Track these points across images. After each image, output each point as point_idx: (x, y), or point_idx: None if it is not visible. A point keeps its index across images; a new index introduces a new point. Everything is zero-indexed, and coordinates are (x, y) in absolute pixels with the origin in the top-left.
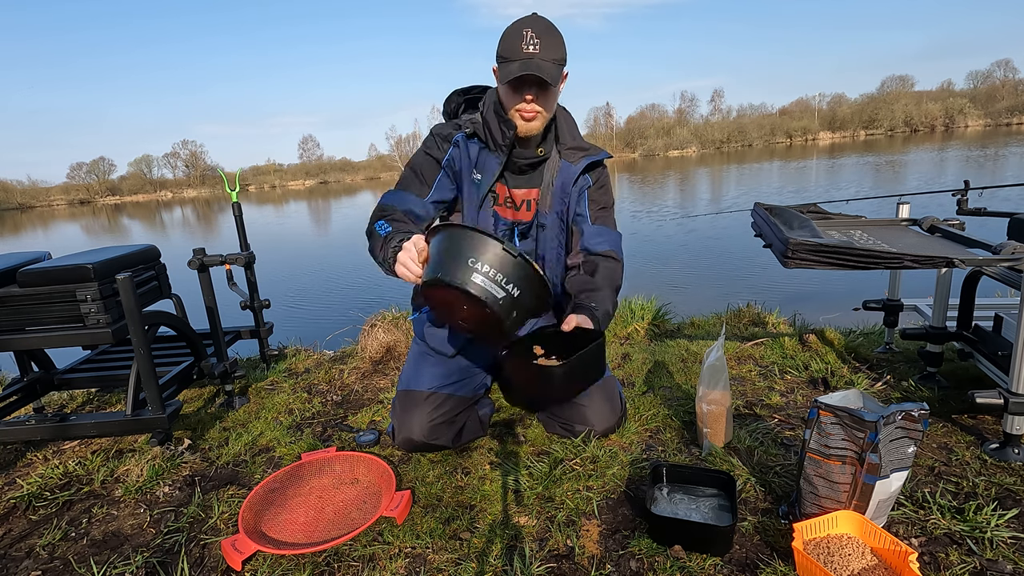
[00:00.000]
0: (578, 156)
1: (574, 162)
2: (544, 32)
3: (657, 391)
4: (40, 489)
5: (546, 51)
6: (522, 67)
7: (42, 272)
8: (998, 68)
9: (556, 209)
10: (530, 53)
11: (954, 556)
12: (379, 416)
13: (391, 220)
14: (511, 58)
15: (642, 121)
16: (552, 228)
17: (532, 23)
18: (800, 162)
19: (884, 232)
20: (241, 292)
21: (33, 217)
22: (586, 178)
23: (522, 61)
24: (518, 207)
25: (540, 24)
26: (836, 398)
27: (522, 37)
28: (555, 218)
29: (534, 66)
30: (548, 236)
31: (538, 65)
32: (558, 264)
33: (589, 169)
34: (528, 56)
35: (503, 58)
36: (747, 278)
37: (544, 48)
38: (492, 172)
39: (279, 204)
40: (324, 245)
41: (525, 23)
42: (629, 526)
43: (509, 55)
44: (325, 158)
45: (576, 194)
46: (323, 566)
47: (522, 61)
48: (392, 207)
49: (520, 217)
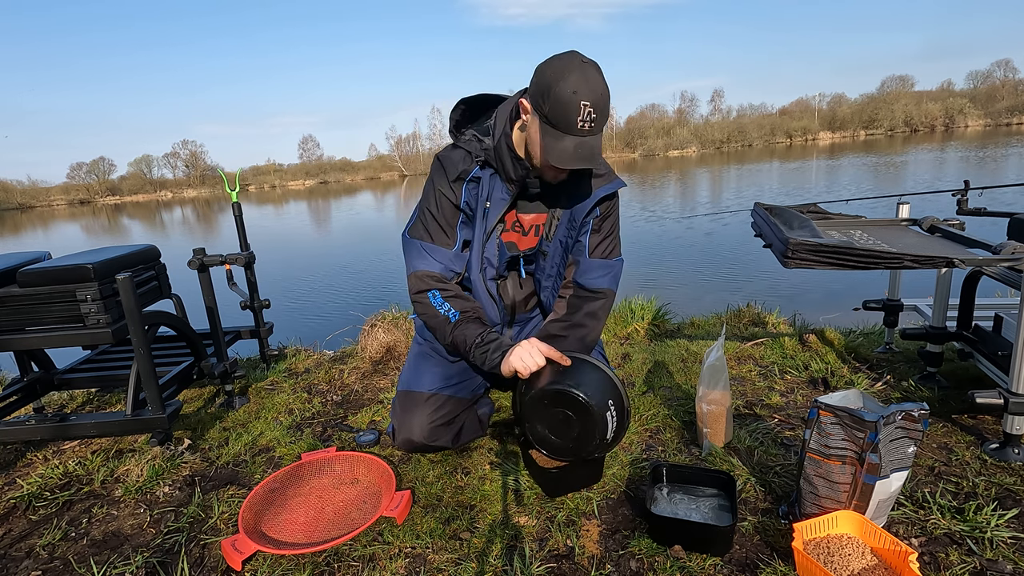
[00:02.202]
0: (593, 185)
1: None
2: (599, 101)
3: (657, 391)
4: (40, 489)
5: (599, 123)
6: (578, 155)
7: (42, 272)
8: (998, 68)
9: (560, 238)
10: (585, 131)
11: (954, 556)
12: (379, 416)
13: (449, 297)
14: (563, 131)
15: (642, 121)
16: (552, 257)
17: (589, 92)
18: (800, 162)
19: (884, 232)
20: (241, 292)
21: (33, 217)
22: (596, 212)
23: (577, 143)
24: (526, 232)
25: (596, 91)
26: (836, 398)
27: (578, 111)
28: (557, 246)
29: (588, 152)
30: (547, 264)
31: (592, 150)
32: (553, 291)
33: (604, 200)
34: (583, 135)
35: (552, 125)
36: (747, 278)
37: (598, 122)
38: (502, 203)
39: (279, 204)
40: (324, 245)
41: (581, 93)
42: (629, 526)
43: (560, 126)
44: (325, 158)
45: (581, 223)
46: (323, 566)
47: (577, 143)
48: (431, 271)
49: (526, 244)
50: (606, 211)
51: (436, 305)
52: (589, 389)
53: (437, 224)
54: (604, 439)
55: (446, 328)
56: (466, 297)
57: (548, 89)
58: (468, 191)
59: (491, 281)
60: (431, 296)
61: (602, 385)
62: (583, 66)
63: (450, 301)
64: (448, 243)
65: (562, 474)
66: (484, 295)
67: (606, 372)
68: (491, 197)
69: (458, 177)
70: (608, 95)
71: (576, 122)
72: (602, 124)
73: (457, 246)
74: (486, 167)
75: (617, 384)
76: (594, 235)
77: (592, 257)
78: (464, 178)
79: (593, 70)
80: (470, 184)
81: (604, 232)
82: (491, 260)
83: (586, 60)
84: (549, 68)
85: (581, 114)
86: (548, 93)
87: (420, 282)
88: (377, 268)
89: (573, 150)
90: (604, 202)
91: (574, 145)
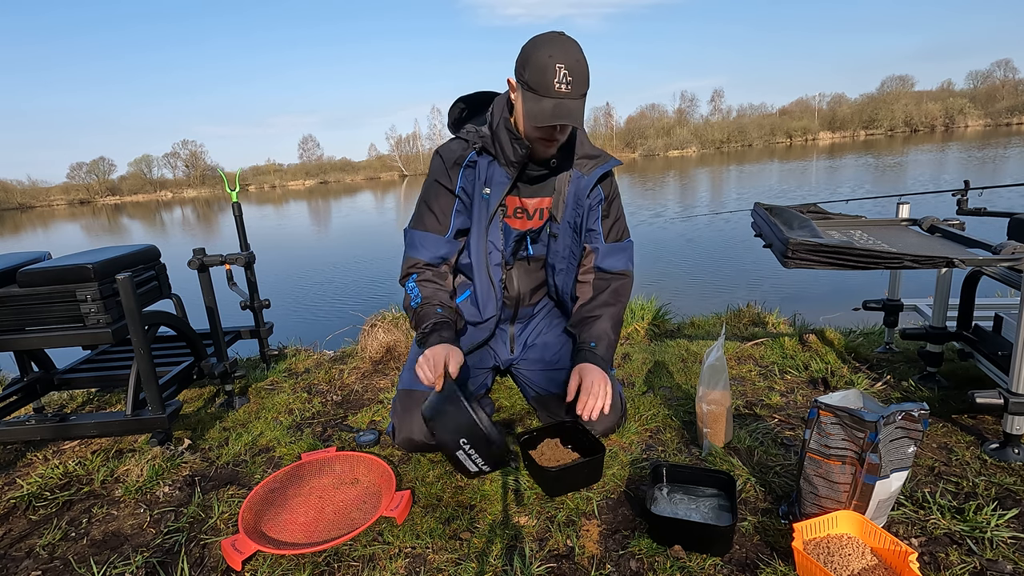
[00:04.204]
0: (590, 166)
1: (586, 172)
2: (575, 67)
3: (657, 391)
4: (40, 489)
5: (577, 87)
6: (555, 113)
7: (42, 272)
8: (998, 68)
9: (568, 219)
10: (563, 93)
11: (954, 556)
12: (379, 416)
13: (421, 282)
14: (541, 94)
15: (642, 121)
16: (564, 238)
17: (564, 56)
18: (800, 162)
19: (884, 232)
20: (241, 292)
21: (33, 217)
22: (598, 191)
23: (555, 103)
24: (531, 216)
25: (571, 56)
26: (836, 398)
27: (554, 73)
28: (567, 228)
29: (566, 111)
30: (560, 247)
31: (570, 110)
32: (568, 274)
33: (604, 177)
34: (560, 96)
35: (531, 90)
36: (747, 278)
37: (575, 85)
38: (503, 186)
39: (279, 204)
40: (324, 245)
41: (556, 56)
42: (629, 526)
43: (539, 90)
44: (325, 158)
45: (588, 208)
46: (323, 566)
47: (555, 103)
48: (417, 259)
49: (531, 225)
50: (609, 193)
51: (408, 289)
52: (440, 429)
53: (431, 212)
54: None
55: (410, 312)
56: (439, 284)
57: (528, 58)
58: (464, 177)
59: (496, 267)
60: (408, 281)
61: (455, 424)
62: (560, 37)
63: (420, 285)
64: (440, 229)
65: (561, 474)
66: (486, 282)
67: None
68: (491, 182)
69: (455, 163)
70: (585, 64)
71: (553, 83)
72: (580, 89)
73: (450, 233)
74: (483, 153)
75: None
76: (605, 220)
77: (608, 242)
78: (460, 163)
79: (571, 42)
80: (466, 170)
81: (613, 215)
82: (495, 244)
83: (565, 36)
84: (530, 42)
85: (557, 76)
86: (528, 61)
87: (405, 269)
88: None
89: (551, 110)
90: (605, 180)
91: (552, 105)
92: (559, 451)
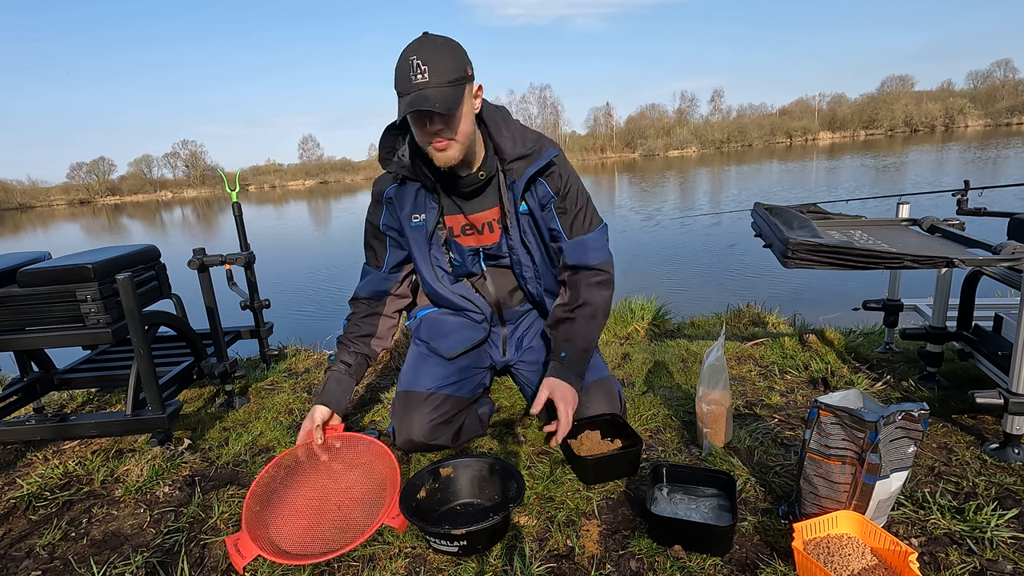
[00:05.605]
0: (520, 167)
1: (518, 178)
2: (431, 56)
3: (657, 391)
4: (40, 489)
5: (437, 75)
6: (411, 103)
7: (42, 272)
8: (998, 68)
9: (519, 231)
10: (419, 84)
11: (954, 556)
12: (379, 416)
13: (351, 316)
14: (402, 91)
15: (642, 121)
16: (518, 248)
17: (417, 49)
18: (800, 162)
19: (884, 232)
20: (241, 292)
21: (33, 217)
22: (545, 188)
23: (412, 95)
24: (480, 231)
25: (426, 48)
26: (836, 398)
27: (409, 67)
28: (517, 236)
29: (422, 99)
30: (520, 259)
31: (426, 96)
32: (537, 280)
33: (536, 177)
34: (418, 87)
35: (397, 92)
36: (747, 278)
37: (434, 73)
38: (434, 211)
39: (279, 204)
40: (324, 245)
41: (411, 50)
42: (629, 526)
43: (400, 88)
44: (325, 158)
45: (540, 209)
46: (323, 565)
47: (412, 95)
48: (356, 293)
49: (485, 241)
50: (559, 187)
51: (344, 321)
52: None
53: (370, 248)
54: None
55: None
56: (362, 321)
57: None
58: (387, 213)
59: (457, 285)
60: (345, 319)
61: None
62: (421, 36)
63: (348, 320)
64: (376, 264)
65: (600, 464)
66: (452, 299)
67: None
68: (423, 208)
69: (376, 200)
70: (447, 52)
71: (409, 77)
72: (442, 77)
73: (384, 269)
74: (406, 182)
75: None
76: (563, 216)
77: (573, 237)
78: (380, 200)
79: (432, 37)
80: (388, 205)
81: (570, 210)
82: (443, 268)
83: (428, 34)
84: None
85: (412, 69)
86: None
87: (352, 298)
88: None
89: (407, 102)
90: (548, 174)
91: (409, 98)
92: (597, 443)
